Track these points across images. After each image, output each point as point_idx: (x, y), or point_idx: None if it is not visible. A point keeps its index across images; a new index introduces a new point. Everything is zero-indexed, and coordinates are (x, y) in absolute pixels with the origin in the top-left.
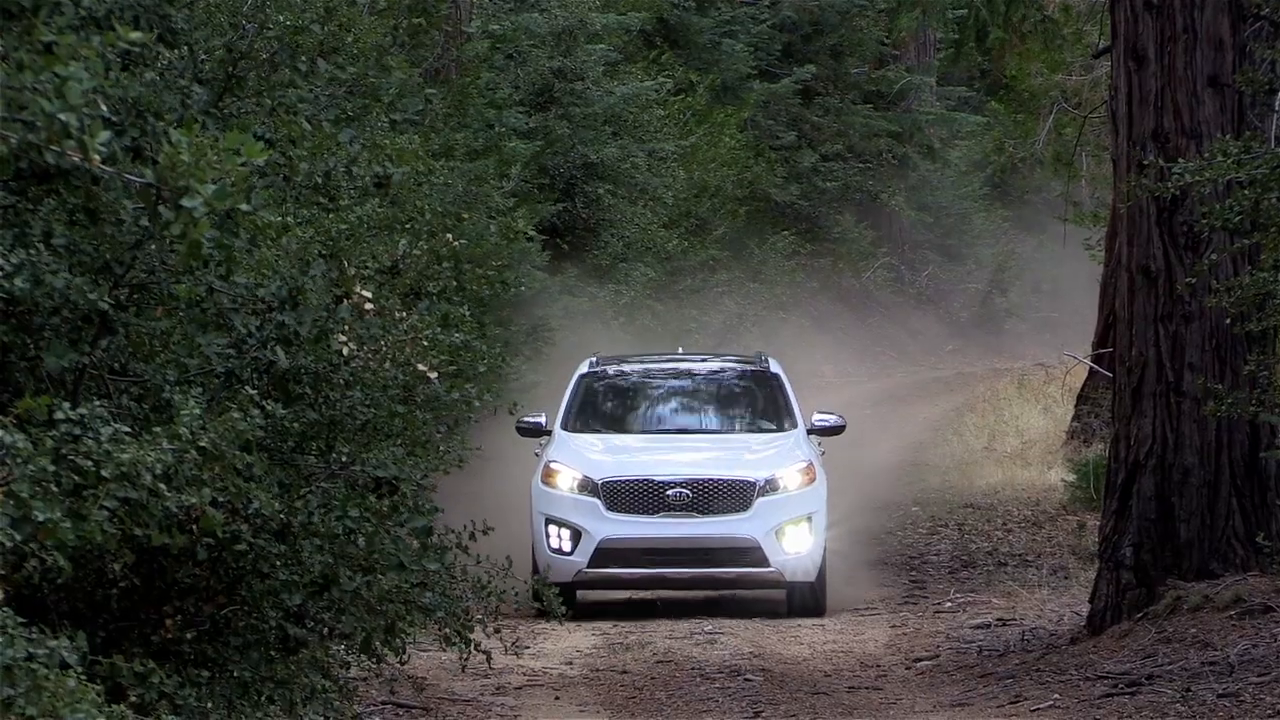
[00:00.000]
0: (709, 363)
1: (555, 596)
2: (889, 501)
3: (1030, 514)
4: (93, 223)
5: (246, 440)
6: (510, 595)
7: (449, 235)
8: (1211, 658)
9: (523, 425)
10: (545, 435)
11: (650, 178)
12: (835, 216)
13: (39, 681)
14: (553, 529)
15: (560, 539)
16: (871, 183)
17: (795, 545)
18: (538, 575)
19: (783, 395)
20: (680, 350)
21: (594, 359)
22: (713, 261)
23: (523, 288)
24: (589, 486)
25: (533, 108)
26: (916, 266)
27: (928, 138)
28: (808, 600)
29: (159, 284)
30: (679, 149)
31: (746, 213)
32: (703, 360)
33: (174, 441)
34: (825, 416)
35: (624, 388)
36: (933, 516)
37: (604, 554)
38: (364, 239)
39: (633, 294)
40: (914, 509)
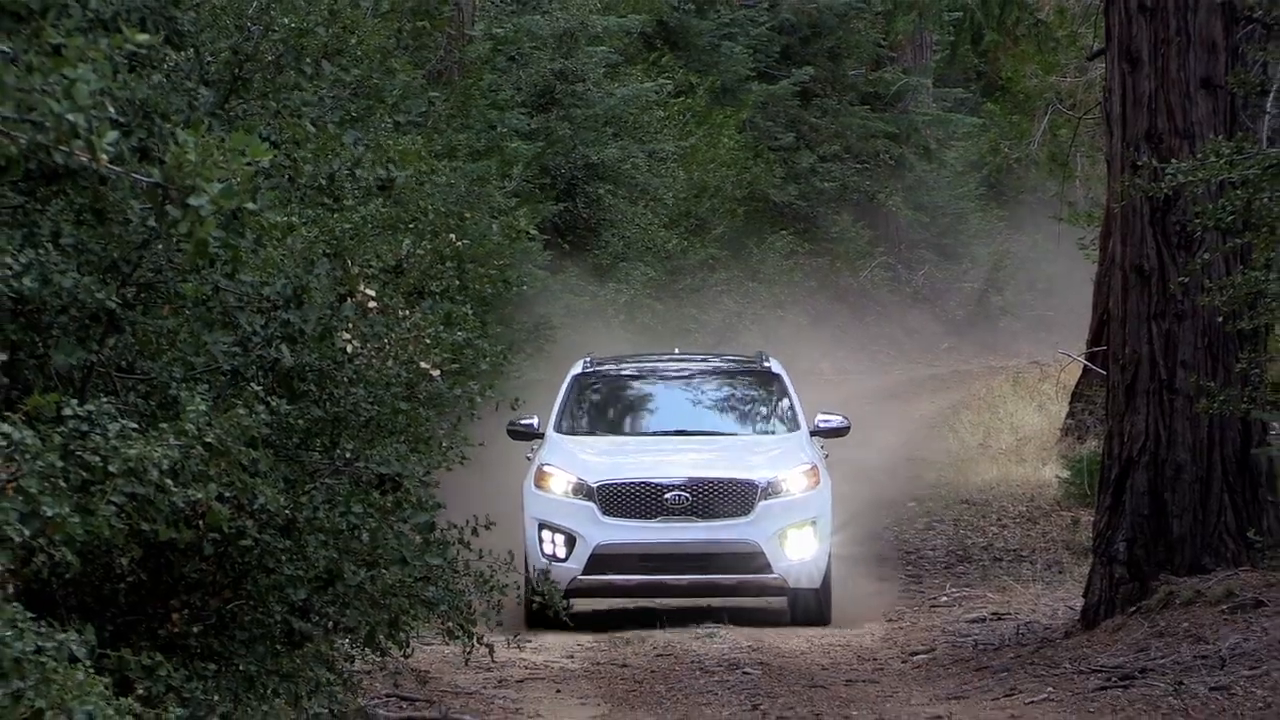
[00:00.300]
0: (708, 362)
1: (557, 591)
2: (886, 498)
3: (1025, 510)
4: (100, 222)
5: (252, 436)
6: (512, 589)
7: (452, 235)
8: (1203, 651)
9: (514, 428)
10: (538, 439)
11: (650, 178)
12: (833, 216)
13: (48, 674)
14: (546, 534)
15: (554, 545)
16: (869, 183)
17: (799, 551)
18: (531, 586)
19: (785, 396)
20: (677, 350)
21: (588, 359)
22: (712, 261)
23: (524, 286)
24: (583, 490)
25: (534, 109)
26: (913, 265)
27: (924, 138)
28: (811, 608)
29: (166, 283)
30: (679, 150)
31: (745, 213)
32: (701, 360)
33: (180, 438)
34: (829, 417)
35: (619, 389)
36: (929, 512)
37: (600, 560)
38: (368, 238)
39: (633, 293)
40: (910, 505)
